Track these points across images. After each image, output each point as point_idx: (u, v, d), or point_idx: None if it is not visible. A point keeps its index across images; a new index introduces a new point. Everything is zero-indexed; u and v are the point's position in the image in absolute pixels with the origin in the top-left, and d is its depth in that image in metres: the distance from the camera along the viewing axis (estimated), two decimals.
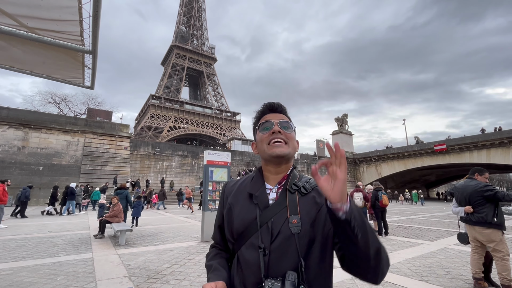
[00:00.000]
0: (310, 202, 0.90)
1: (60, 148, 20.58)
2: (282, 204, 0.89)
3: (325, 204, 0.75)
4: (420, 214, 15.64)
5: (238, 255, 0.90)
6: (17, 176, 18.36)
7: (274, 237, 0.84)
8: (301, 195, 0.91)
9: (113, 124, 24.27)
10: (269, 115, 1.01)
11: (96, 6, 2.65)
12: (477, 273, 3.73)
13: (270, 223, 0.86)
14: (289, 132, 0.98)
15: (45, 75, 4.03)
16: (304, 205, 0.88)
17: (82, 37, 3.16)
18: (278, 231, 0.84)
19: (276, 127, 0.96)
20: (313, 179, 0.92)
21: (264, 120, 1.01)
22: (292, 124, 1.02)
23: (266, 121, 0.99)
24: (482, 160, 28.73)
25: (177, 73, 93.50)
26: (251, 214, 0.91)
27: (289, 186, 0.93)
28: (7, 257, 5.23)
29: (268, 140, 0.95)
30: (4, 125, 18.79)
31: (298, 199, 0.90)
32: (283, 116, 1.02)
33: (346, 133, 44.76)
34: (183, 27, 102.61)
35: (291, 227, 0.83)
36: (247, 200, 0.95)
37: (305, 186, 0.93)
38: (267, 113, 1.03)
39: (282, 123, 0.98)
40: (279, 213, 0.87)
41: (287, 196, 0.90)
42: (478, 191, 3.65)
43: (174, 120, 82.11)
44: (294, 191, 0.91)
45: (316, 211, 0.88)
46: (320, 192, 0.92)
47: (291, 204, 0.88)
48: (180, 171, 28.58)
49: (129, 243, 6.70)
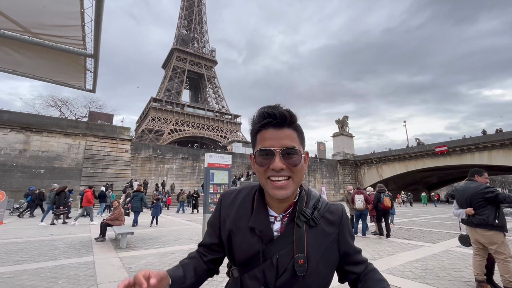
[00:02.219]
0: (320, 235, 0.82)
1: (62, 151, 20.64)
2: (288, 239, 0.80)
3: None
4: (422, 216, 15.58)
5: (242, 280, 0.84)
6: (18, 180, 18.41)
7: (279, 274, 0.79)
8: (309, 227, 0.82)
9: (114, 127, 24.33)
10: (270, 134, 0.79)
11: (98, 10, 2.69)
12: (480, 276, 3.71)
13: (275, 258, 0.79)
14: (294, 164, 0.77)
15: (47, 79, 4.06)
16: (312, 241, 0.81)
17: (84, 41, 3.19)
18: (284, 269, 0.78)
19: (277, 161, 0.76)
20: (322, 200, 0.90)
21: (262, 143, 0.79)
22: (300, 151, 0.80)
23: (264, 148, 0.78)
24: (484, 162, 28.66)
25: (178, 76, 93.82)
26: (253, 247, 0.82)
27: (297, 218, 0.82)
28: (9, 260, 5.23)
29: (267, 175, 0.78)
30: (6, 129, 18.87)
31: (306, 233, 0.81)
32: (289, 137, 0.79)
33: (347, 135, 44.72)
34: (183, 30, 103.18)
35: (296, 267, 0.77)
36: (248, 231, 0.84)
37: (314, 217, 0.83)
38: (267, 127, 0.79)
39: (286, 152, 0.77)
40: (285, 249, 0.80)
41: (294, 231, 0.81)
42: (479, 193, 3.64)
43: (175, 122, 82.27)
44: (302, 224, 0.82)
45: (325, 245, 0.82)
46: (330, 221, 0.85)
47: (298, 240, 0.79)
48: (181, 173, 28.58)
49: (130, 246, 6.69)
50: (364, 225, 8.51)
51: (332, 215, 0.86)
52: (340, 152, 42.17)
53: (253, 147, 0.85)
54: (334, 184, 39.26)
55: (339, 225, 0.86)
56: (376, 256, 5.84)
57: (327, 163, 39.71)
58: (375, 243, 7.35)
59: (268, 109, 0.80)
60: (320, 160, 39.11)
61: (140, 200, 10.38)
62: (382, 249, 6.57)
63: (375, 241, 7.58)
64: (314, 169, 37.82)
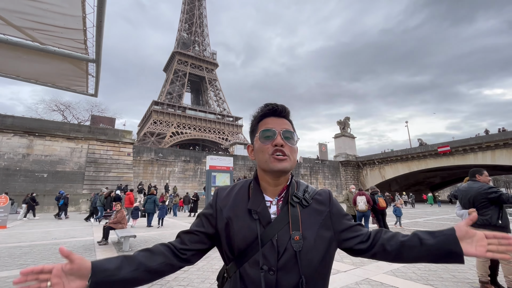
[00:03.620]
0: (313, 214, 0.89)
1: (64, 155, 20.76)
2: (284, 220, 0.86)
3: (453, 248, 0.78)
4: (425, 217, 15.48)
5: (241, 272, 0.84)
6: (21, 184, 18.52)
7: (280, 254, 0.82)
8: (302, 207, 0.89)
9: (116, 131, 24.46)
10: (271, 120, 0.93)
11: (99, 16, 2.72)
12: (484, 277, 3.68)
13: (275, 240, 0.83)
14: (291, 144, 0.90)
15: (50, 84, 4.11)
16: (306, 219, 0.87)
17: (86, 46, 3.23)
18: (284, 248, 0.82)
19: (279, 138, 0.89)
20: (310, 187, 0.98)
21: (265, 126, 0.92)
22: (296, 135, 0.94)
23: (268, 129, 0.90)
24: (487, 162, 28.46)
25: (179, 79, 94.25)
26: (252, 231, 0.86)
27: (290, 199, 0.90)
28: (12, 264, 5.25)
29: (270, 151, 0.88)
30: (9, 133, 19.02)
31: (300, 213, 0.87)
32: (287, 124, 0.94)
33: (349, 136, 44.61)
34: (184, 33, 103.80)
35: (293, 243, 0.81)
36: (247, 216, 0.89)
37: (305, 197, 0.91)
38: (268, 116, 0.94)
39: (286, 133, 0.90)
40: (282, 229, 0.85)
41: (289, 211, 0.87)
42: (482, 193, 3.62)
43: (176, 125, 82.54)
44: (295, 204, 0.89)
45: (319, 223, 0.88)
46: (319, 201, 0.93)
47: (294, 219, 0.86)
48: (183, 176, 28.62)
49: (132, 249, 6.70)
50: (367, 226, 8.48)
51: (321, 196, 0.94)
52: (342, 153, 42.05)
53: (254, 133, 0.97)
54: (337, 186, 39.13)
55: (328, 204, 0.93)
56: None
57: (329, 165, 39.61)
58: None
59: (271, 103, 0.95)
60: (322, 162, 39.03)
61: (153, 202, 11.41)
62: None
63: None
64: (316, 170, 37.73)
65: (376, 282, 4.17)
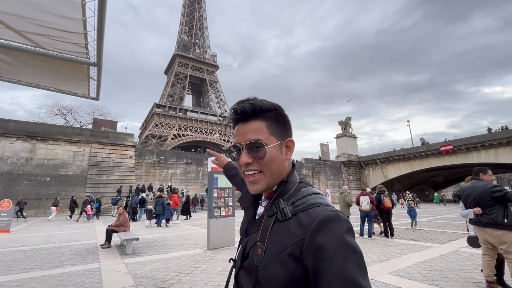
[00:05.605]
0: (284, 233, 0.69)
1: (67, 158, 20.84)
2: (259, 225, 0.77)
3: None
4: (429, 217, 15.38)
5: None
6: (24, 188, 18.61)
7: (244, 256, 0.79)
8: (278, 219, 0.72)
9: (118, 134, 24.53)
10: (238, 129, 0.79)
11: (100, 19, 2.73)
12: (490, 276, 3.64)
13: (247, 240, 0.80)
14: (260, 155, 0.74)
15: (52, 88, 4.12)
16: (275, 235, 0.71)
17: (87, 50, 3.23)
18: (248, 252, 0.77)
19: (243, 156, 0.76)
20: (306, 200, 0.73)
21: (234, 139, 0.81)
22: (268, 142, 0.76)
23: (233, 145, 0.80)
24: (490, 160, 28.28)
25: (180, 82, 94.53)
26: (244, 223, 0.88)
27: (269, 206, 0.77)
28: (16, 269, 5.27)
29: (242, 171, 0.80)
30: (12, 138, 19.14)
31: (272, 226, 0.73)
32: (253, 131, 0.76)
33: (350, 136, 44.51)
34: (185, 36, 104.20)
35: (255, 255, 0.72)
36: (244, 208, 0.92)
37: (284, 209, 0.72)
38: (237, 122, 0.80)
39: (251, 146, 0.75)
40: (255, 233, 0.78)
41: (263, 219, 0.77)
42: (487, 192, 3.59)
43: (178, 128, 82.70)
44: (271, 214, 0.75)
45: (285, 246, 0.67)
46: (300, 222, 0.68)
47: (263, 229, 0.74)
48: (185, 178, 28.65)
49: (135, 252, 6.70)
50: (370, 226, 8.44)
51: (306, 217, 0.68)
52: (344, 153, 41.95)
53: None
54: (339, 186, 38.96)
55: (308, 230, 0.65)
56: (383, 258, 5.77)
57: (331, 165, 39.51)
58: (382, 244, 7.27)
59: (235, 105, 0.80)
60: (324, 162, 38.94)
61: (162, 204, 12.49)
62: (389, 250, 6.49)
63: (381, 243, 7.49)
64: (318, 171, 37.64)
65: (380, 283, 4.13)
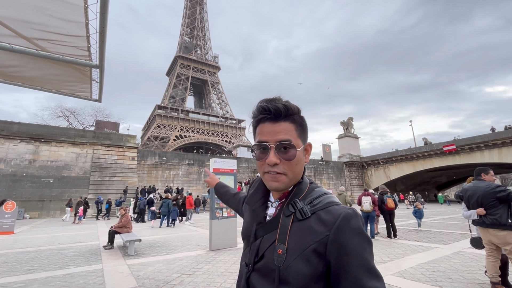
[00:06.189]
0: (306, 231, 0.72)
1: (70, 160, 20.96)
2: (274, 225, 0.78)
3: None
4: (432, 217, 15.29)
5: (241, 260, 0.89)
6: (28, 189, 18.73)
7: (258, 258, 0.78)
8: (297, 219, 0.75)
9: (121, 135, 24.66)
10: (266, 128, 0.79)
11: (102, 22, 2.75)
12: (494, 277, 3.61)
13: (259, 241, 0.80)
14: (290, 157, 0.76)
15: (55, 90, 4.15)
16: (296, 234, 0.73)
17: (89, 52, 3.26)
18: (263, 253, 0.77)
19: (272, 155, 0.76)
20: (323, 198, 0.78)
21: (259, 136, 0.80)
22: (297, 144, 0.78)
23: (261, 143, 0.78)
24: (494, 160, 28.06)
25: (182, 83, 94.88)
26: (249, 225, 0.88)
27: (285, 207, 0.79)
28: (19, 270, 5.30)
29: (265, 169, 0.79)
30: (16, 140, 19.28)
31: (291, 225, 0.75)
32: (284, 131, 0.77)
33: (352, 137, 44.39)
34: (186, 37, 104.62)
35: (275, 256, 0.72)
36: (251, 210, 0.91)
37: (303, 209, 0.75)
38: (263, 121, 0.80)
39: (280, 146, 0.76)
40: (270, 234, 0.78)
41: (280, 219, 0.78)
42: (490, 192, 3.56)
43: (180, 129, 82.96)
44: (289, 214, 0.77)
45: (308, 243, 0.70)
46: (322, 219, 0.72)
47: (282, 230, 0.75)
48: (187, 179, 28.70)
49: (138, 253, 6.72)
50: (372, 227, 8.40)
51: (327, 215, 0.72)
52: (346, 153, 41.83)
53: (254, 139, 0.86)
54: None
55: (332, 227, 0.69)
56: (386, 259, 5.74)
57: (333, 165, 39.40)
58: (385, 245, 7.23)
59: (264, 103, 0.79)
60: (326, 162, 38.83)
61: (167, 205, 13.07)
62: (392, 251, 6.45)
63: (384, 244, 7.45)
64: (320, 171, 37.55)
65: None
